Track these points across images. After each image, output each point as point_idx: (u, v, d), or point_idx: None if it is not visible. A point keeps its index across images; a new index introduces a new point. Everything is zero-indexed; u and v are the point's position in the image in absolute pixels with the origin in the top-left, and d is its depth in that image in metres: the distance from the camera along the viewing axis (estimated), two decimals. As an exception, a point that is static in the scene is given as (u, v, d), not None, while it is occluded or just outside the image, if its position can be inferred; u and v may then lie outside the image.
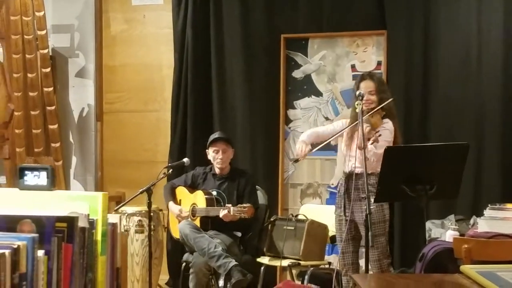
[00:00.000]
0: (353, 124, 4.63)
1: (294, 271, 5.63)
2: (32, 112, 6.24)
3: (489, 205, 4.47)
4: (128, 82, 6.99)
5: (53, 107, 6.34)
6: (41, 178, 1.62)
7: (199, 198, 5.41)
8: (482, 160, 5.79)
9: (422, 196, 4.17)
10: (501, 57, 5.82)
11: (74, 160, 6.89)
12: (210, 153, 5.52)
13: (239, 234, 5.41)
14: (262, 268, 5.32)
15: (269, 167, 6.40)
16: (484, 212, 4.44)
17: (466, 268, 2.42)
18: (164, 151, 6.76)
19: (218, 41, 6.55)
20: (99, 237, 1.55)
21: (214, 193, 5.43)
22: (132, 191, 5.23)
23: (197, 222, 5.34)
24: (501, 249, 3.61)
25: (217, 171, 5.54)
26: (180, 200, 5.57)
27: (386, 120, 4.69)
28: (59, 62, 6.86)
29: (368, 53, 6.31)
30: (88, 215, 1.51)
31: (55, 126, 6.33)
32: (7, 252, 1.24)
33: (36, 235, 1.34)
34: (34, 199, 1.60)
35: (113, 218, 1.62)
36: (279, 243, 5.30)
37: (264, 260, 5.33)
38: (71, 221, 1.44)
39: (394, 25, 6.14)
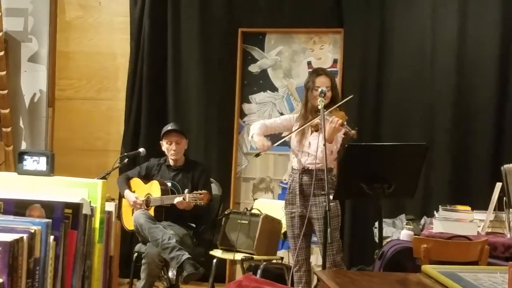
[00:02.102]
0: (313, 120, 4.64)
1: (244, 265, 5.66)
2: (-16, 96, 6.09)
3: (440, 206, 4.58)
4: (81, 69, 6.88)
5: (5, 91, 6.19)
6: (41, 163, 1.59)
7: (154, 188, 5.38)
8: (431, 161, 5.89)
9: (379, 195, 4.23)
10: (454, 57, 5.96)
11: (24, 145, 6.75)
12: (164, 145, 5.50)
13: (193, 225, 5.40)
14: (215, 261, 5.31)
15: (223, 160, 6.41)
16: (436, 213, 4.54)
17: (428, 268, 2.43)
18: (115, 140, 6.69)
19: (175, 31, 6.52)
20: (97, 224, 1.53)
21: (169, 184, 5.42)
22: (83, 179, 5.15)
23: (151, 212, 5.30)
24: (459, 250, 3.71)
25: (171, 162, 5.53)
26: (134, 191, 5.52)
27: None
28: (12, 46, 6.69)
29: (325, 51, 6.37)
30: (90, 202, 1.49)
31: (7, 111, 6.19)
32: (25, 236, 1.22)
33: (49, 220, 1.32)
34: (33, 185, 1.57)
35: (109, 206, 1.61)
36: (232, 237, 5.30)
37: (217, 253, 5.33)
38: (76, 207, 1.42)
39: (351, 23, 6.23)
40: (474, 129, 5.94)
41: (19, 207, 1.38)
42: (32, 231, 1.25)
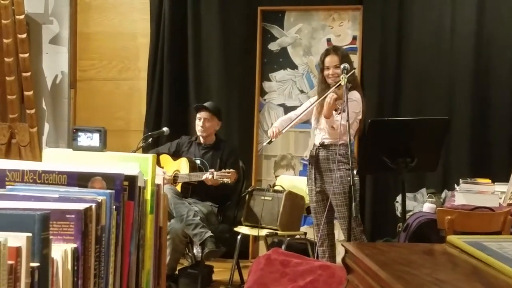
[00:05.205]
0: (322, 98, 4.70)
1: (268, 241, 5.74)
2: (8, 78, 6.16)
3: (460, 179, 4.62)
4: (102, 50, 6.94)
5: (28, 73, 6.26)
6: (94, 139, 1.67)
7: (182, 165, 5.45)
8: (451, 135, 5.92)
9: (402, 169, 4.29)
10: (473, 33, 5.98)
11: (46, 127, 6.85)
12: (196, 120, 5.58)
13: (217, 204, 5.47)
14: (239, 237, 5.39)
15: (244, 138, 6.48)
16: (457, 187, 4.59)
17: (453, 238, 2.47)
18: (137, 120, 6.77)
19: (195, 11, 6.57)
20: (148, 196, 1.62)
21: (198, 161, 5.48)
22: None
23: (178, 188, 5.38)
24: (482, 221, 3.77)
25: (201, 140, 5.57)
26: (162, 167, 5.59)
27: (353, 91, 4.75)
28: (33, 29, 6.76)
29: (344, 28, 6.41)
30: (143, 175, 1.57)
31: (31, 93, 6.27)
32: (93, 205, 1.30)
33: (112, 191, 1.40)
34: (88, 159, 1.65)
35: (157, 179, 1.69)
36: (256, 213, 5.38)
37: (241, 229, 5.40)
38: (133, 179, 1.51)
39: (370, 0, 6.25)
40: (493, 102, 5.97)
41: (81, 180, 1.46)
42: (99, 200, 1.34)
